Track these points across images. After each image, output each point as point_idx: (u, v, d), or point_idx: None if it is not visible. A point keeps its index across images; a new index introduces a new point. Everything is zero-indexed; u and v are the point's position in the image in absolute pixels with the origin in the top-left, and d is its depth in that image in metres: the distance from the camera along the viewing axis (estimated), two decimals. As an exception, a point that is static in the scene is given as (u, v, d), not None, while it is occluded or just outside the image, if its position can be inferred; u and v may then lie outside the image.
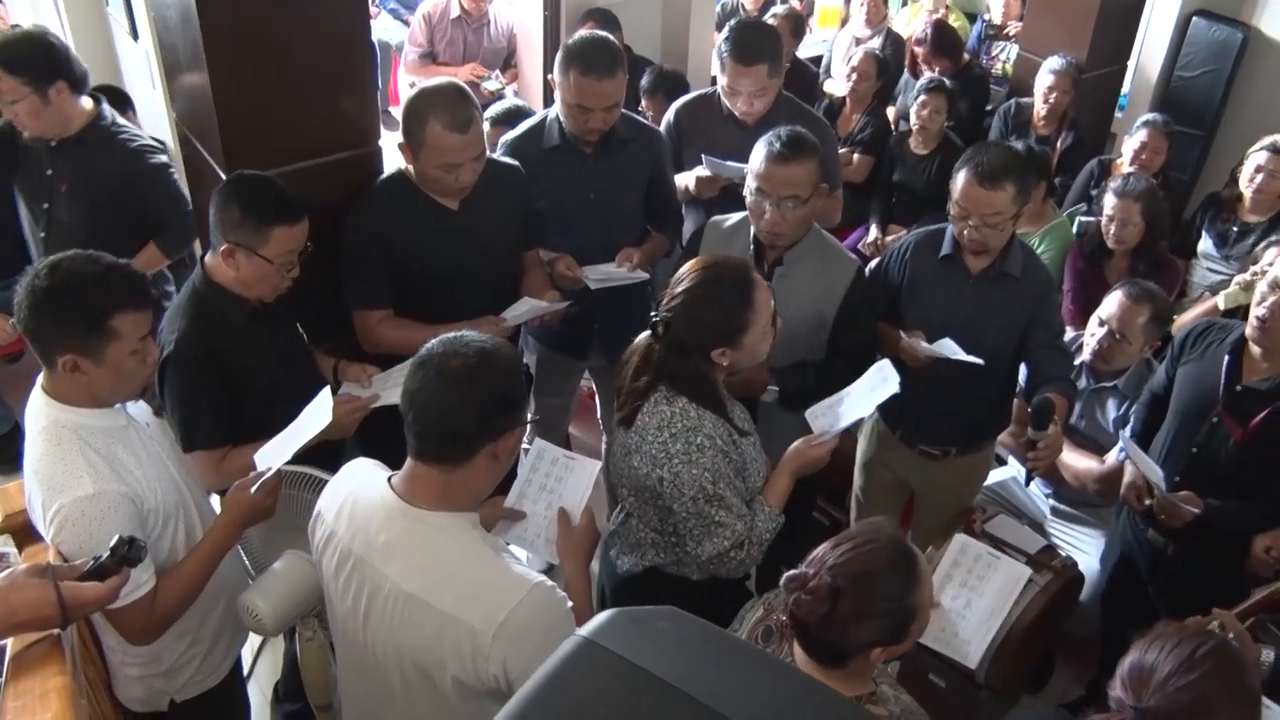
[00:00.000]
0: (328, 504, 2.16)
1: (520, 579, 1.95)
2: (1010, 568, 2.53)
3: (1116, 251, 4.37)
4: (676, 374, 2.44)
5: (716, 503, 2.43)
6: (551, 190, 3.41)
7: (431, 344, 2.00)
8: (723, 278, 2.41)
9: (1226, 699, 1.65)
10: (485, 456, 1.99)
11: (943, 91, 5.21)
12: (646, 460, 2.44)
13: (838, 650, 1.95)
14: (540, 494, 2.49)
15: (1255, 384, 2.98)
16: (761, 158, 2.95)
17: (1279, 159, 4.66)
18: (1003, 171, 2.95)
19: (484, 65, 5.79)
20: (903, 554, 1.97)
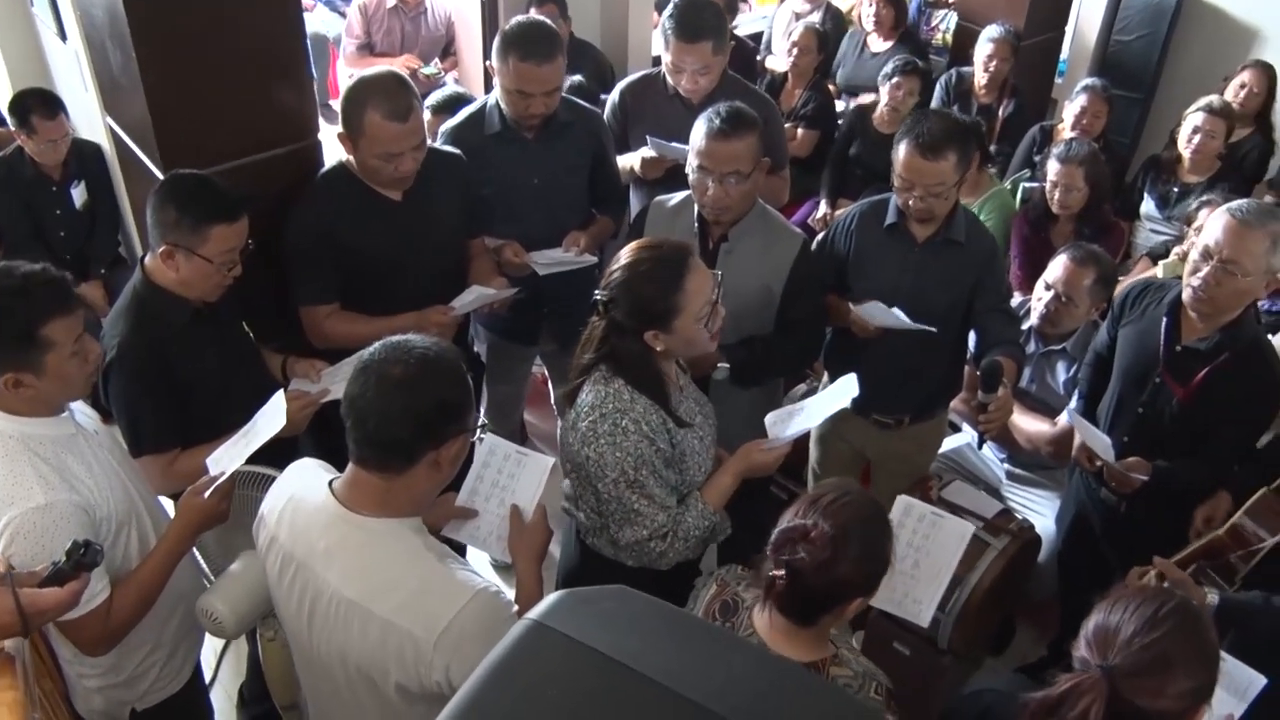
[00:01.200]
0: (270, 507, 2.14)
1: (462, 586, 1.93)
2: (954, 525, 2.55)
3: (1061, 216, 4.41)
4: (617, 355, 2.43)
5: (637, 489, 2.40)
6: (494, 177, 3.39)
7: (374, 348, 1.96)
8: (659, 257, 2.39)
9: (1189, 656, 1.68)
10: (427, 465, 1.96)
11: (917, 73, 5.20)
12: (578, 437, 2.43)
13: (823, 602, 1.99)
14: (492, 490, 2.46)
15: (1194, 344, 3.02)
16: (702, 134, 2.94)
17: (1215, 119, 4.74)
18: (944, 140, 2.96)
19: (422, 54, 5.75)
20: (877, 505, 2.09)
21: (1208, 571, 2.85)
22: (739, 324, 3.00)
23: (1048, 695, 1.70)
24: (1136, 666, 1.65)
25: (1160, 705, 1.65)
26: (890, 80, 5.18)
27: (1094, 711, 1.63)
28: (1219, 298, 2.90)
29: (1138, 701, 1.64)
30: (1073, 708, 1.65)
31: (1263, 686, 2.19)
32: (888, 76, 5.21)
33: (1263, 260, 2.84)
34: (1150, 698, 1.64)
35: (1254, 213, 2.87)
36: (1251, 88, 5.22)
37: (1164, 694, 1.65)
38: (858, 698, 2.01)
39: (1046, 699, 1.70)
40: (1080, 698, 1.65)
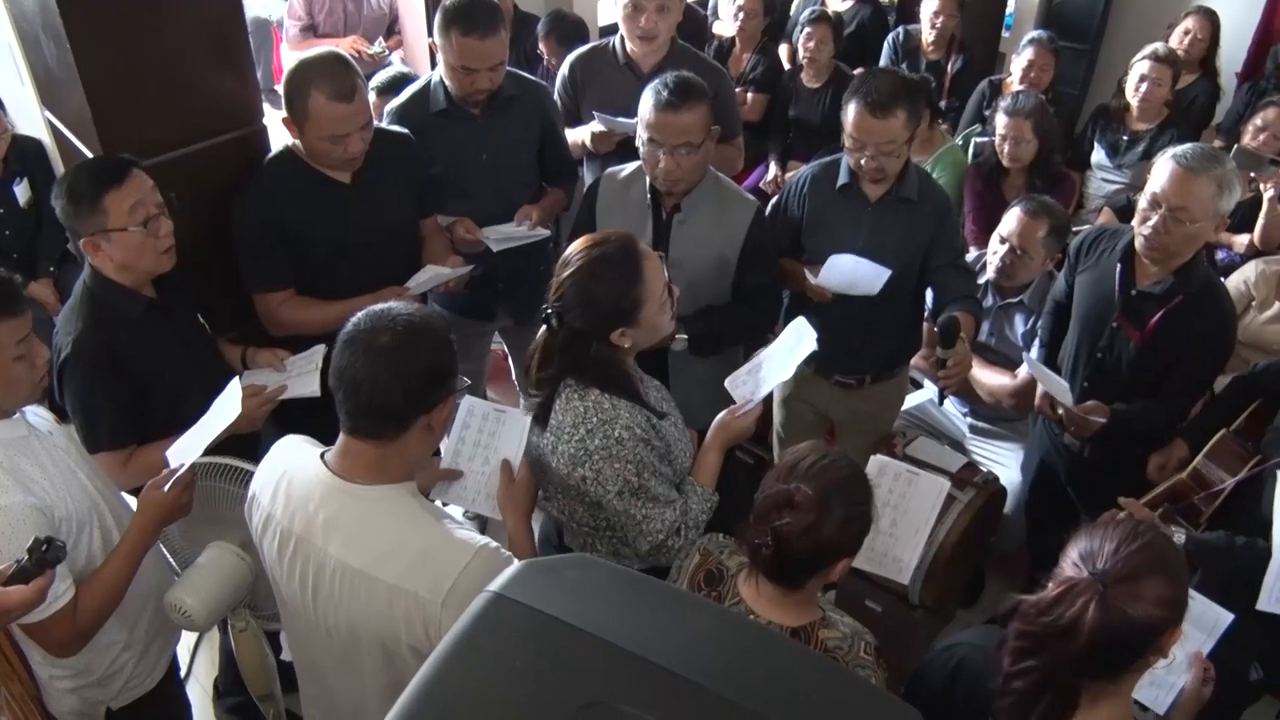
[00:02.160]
0: (262, 486, 2.13)
1: (464, 544, 1.96)
2: (929, 482, 2.56)
3: (1012, 169, 4.42)
4: (581, 365, 2.34)
5: (642, 496, 2.35)
6: (443, 154, 3.37)
7: (358, 319, 1.97)
8: (609, 255, 2.31)
9: (1166, 566, 1.72)
10: (419, 429, 1.99)
11: (826, 21, 5.21)
12: (565, 460, 2.35)
13: (809, 566, 2.01)
14: (475, 450, 2.49)
15: (1148, 288, 3.05)
16: (650, 107, 2.92)
17: (1161, 66, 4.76)
18: (891, 98, 2.95)
19: (366, 33, 5.68)
20: (856, 465, 2.10)
21: (1174, 514, 2.88)
22: (695, 293, 3.00)
23: (1042, 597, 1.72)
24: (1124, 572, 1.68)
25: (1143, 612, 1.67)
26: (803, 32, 5.19)
27: (1090, 611, 1.65)
28: (1170, 245, 2.92)
29: (1125, 607, 1.66)
30: (1070, 606, 1.67)
31: (1229, 623, 2.22)
32: (799, 28, 5.23)
33: (1210, 205, 2.87)
34: (1135, 603, 1.67)
35: (1198, 158, 2.89)
36: (1195, 34, 5.25)
37: (1147, 599, 1.67)
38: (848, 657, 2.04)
39: (1041, 600, 1.72)
40: (1077, 597, 1.67)
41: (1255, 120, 4.56)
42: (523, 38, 5.15)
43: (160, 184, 2.65)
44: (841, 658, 2.03)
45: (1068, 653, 1.67)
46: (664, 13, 3.55)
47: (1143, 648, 1.72)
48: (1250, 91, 5.32)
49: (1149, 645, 1.72)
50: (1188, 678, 2.18)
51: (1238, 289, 4.00)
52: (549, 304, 2.33)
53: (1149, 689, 2.19)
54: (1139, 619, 1.67)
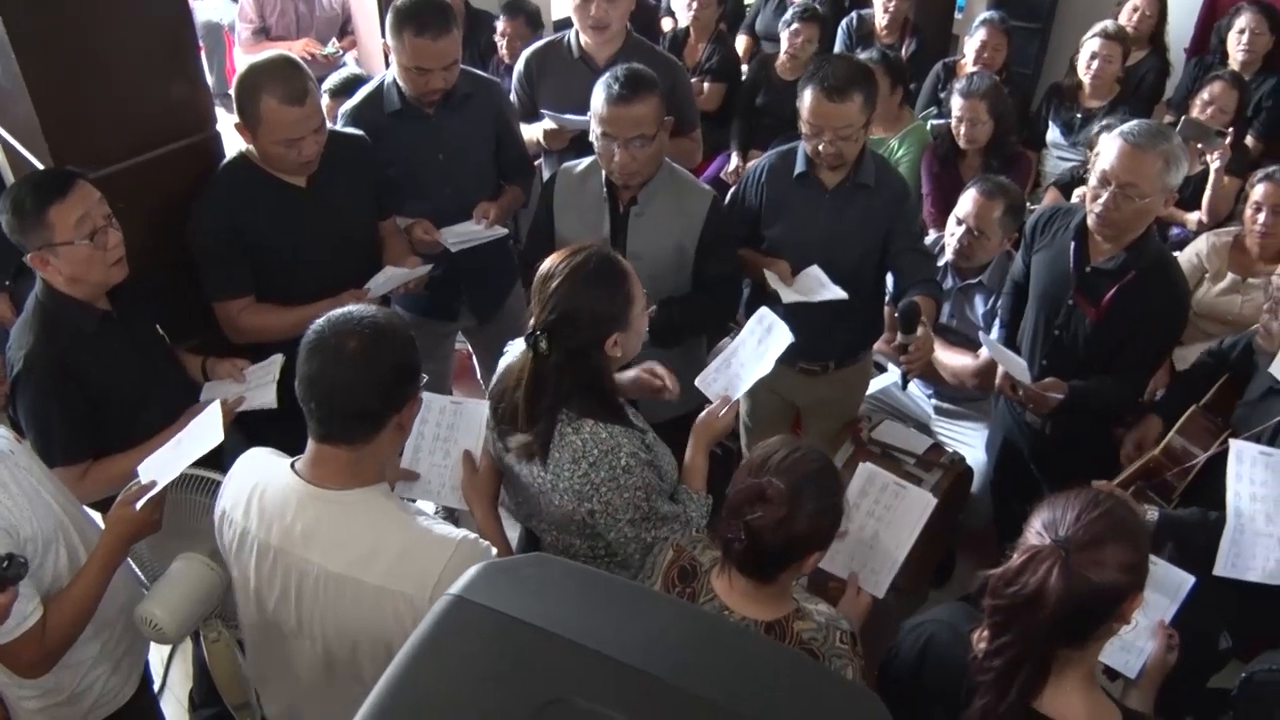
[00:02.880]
0: (232, 502, 2.12)
1: (443, 539, 1.97)
2: (917, 496, 2.56)
3: (969, 150, 4.45)
4: (575, 391, 2.28)
5: (652, 519, 2.33)
6: (399, 155, 3.35)
7: (320, 325, 1.97)
8: (592, 260, 2.27)
9: (1127, 532, 1.75)
10: (391, 429, 2.01)
11: (816, 20, 5.19)
12: (570, 496, 2.31)
13: (782, 560, 2.02)
14: (436, 444, 2.51)
15: (1101, 264, 3.08)
16: (602, 101, 2.92)
17: (1111, 43, 4.81)
18: (848, 83, 2.97)
19: (319, 35, 5.65)
20: (826, 457, 2.11)
21: (1147, 491, 2.92)
22: (656, 285, 2.99)
23: (1007, 568, 1.75)
24: (1085, 539, 1.71)
25: (1106, 577, 1.70)
26: (790, 28, 5.19)
27: (1053, 577, 1.68)
28: (1121, 220, 2.95)
29: (1087, 573, 1.69)
30: (1033, 574, 1.70)
31: (1192, 585, 2.25)
32: (787, 24, 5.22)
33: (1158, 180, 2.90)
34: (1097, 569, 1.70)
35: (1145, 135, 2.91)
36: (1143, 10, 5.30)
37: (1109, 564, 1.70)
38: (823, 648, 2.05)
39: (1006, 570, 1.74)
40: (1040, 564, 1.70)
41: (1203, 94, 4.63)
42: (476, 35, 5.12)
43: (112, 194, 2.63)
44: (817, 649, 2.04)
45: (1036, 621, 1.70)
46: (614, 2, 3.55)
47: (1106, 613, 1.75)
48: (1198, 66, 5.37)
49: (1112, 611, 1.75)
50: (1154, 644, 2.21)
51: (1190, 262, 4.04)
52: (534, 326, 2.24)
53: (1119, 654, 2.22)
54: (1102, 584, 1.70)
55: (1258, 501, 2.28)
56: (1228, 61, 5.11)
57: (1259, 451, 2.33)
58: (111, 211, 2.61)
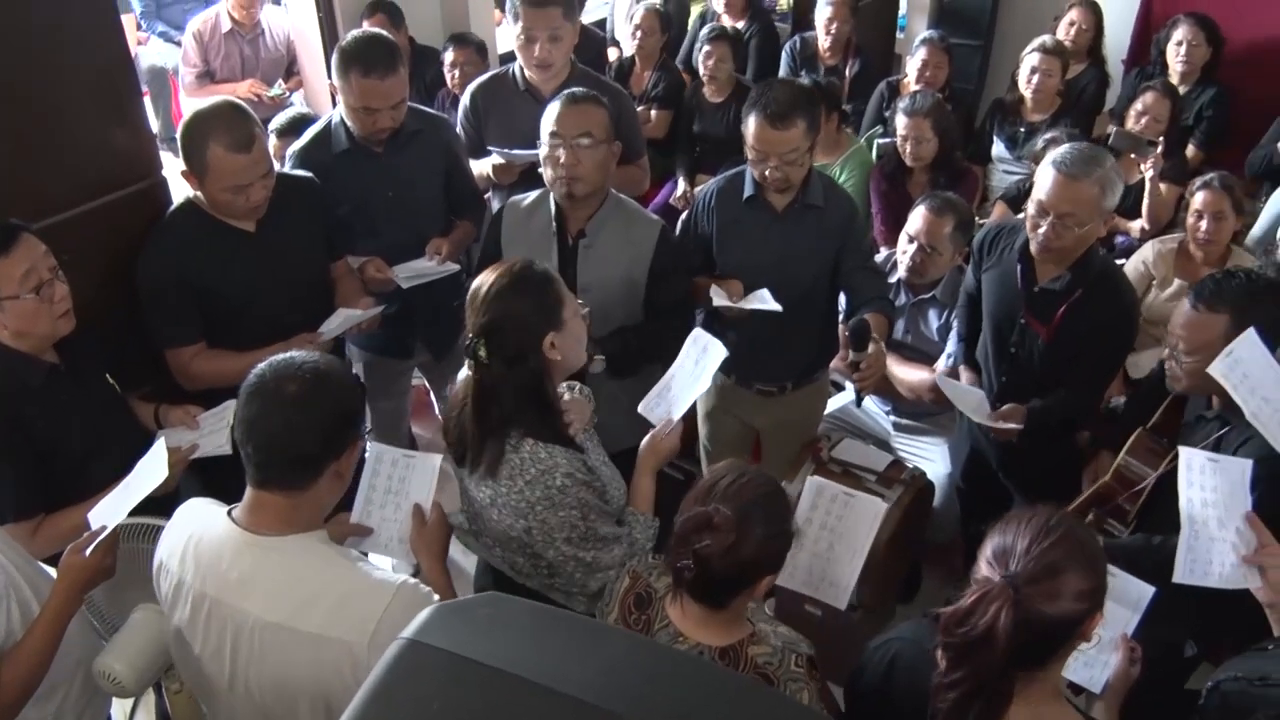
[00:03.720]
0: (168, 552, 2.08)
1: (383, 584, 1.94)
2: (866, 503, 2.56)
3: (916, 168, 4.50)
4: (518, 406, 2.29)
5: (591, 538, 2.33)
6: (349, 194, 3.34)
7: (261, 369, 1.96)
8: (516, 268, 2.30)
9: (1080, 559, 1.75)
10: (330, 475, 1.98)
11: (725, 39, 5.26)
12: (509, 512, 2.33)
13: (734, 584, 2.00)
14: (387, 498, 2.47)
15: (1047, 285, 3.11)
16: (552, 109, 2.98)
17: (1050, 58, 4.90)
18: (790, 108, 2.99)
19: (265, 76, 5.64)
20: (773, 481, 2.10)
21: (1103, 518, 2.94)
22: (608, 315, 3.02)
23: (958, 607, 1.74)
24: (1036, 573, 1.71)
25: (1060, 608, 1.71)
26: (702, 50, 5.26)
27: (1003, 617, 1.68)
28: (1062, 249, 3.00)
29: (1040, 607, 1.69)
30: (983, 615, 1.70)
31: (1152, 596, 2.27)
32: (698, 47, 5.30)
33: (1095, 206, 2.94)
34: (1050, 601, 1.70)
35: (1078, 163, 2.93)
36: (1080, 24, 5.39)
37: (1062, 596, 1.71)
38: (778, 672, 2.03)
39: (957, 610, 1.74)
40: (990, 604, 1.70)
41: (1136, 105, 4.70)
42: (421, 71, 5.13)
43: (57, 245, 2.60)
44: (772, 673, 2.02)
45: (989, 659, 1.70)
46: (556, 41, 3.56)
47: (1064, 639, 1.76)
48: (1138, 77, 5.45)
49: (1071, 634, 1.76)
50: (1116, 657, 2.22)
51: (1137, 270, 4.10)
52: (470, 335, 2.28)
53: (1083, 669, 2.22)
54: (1056, 616, 1.71)
55: (1209, 507, 2.30)
56: (1167, 72, 5.20)
57: (1206, 458, 2.36)
58: (58, 263, 2.57)
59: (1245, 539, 2.21)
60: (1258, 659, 2.01)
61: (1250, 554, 2.19)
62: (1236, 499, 2.28)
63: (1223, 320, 2.60)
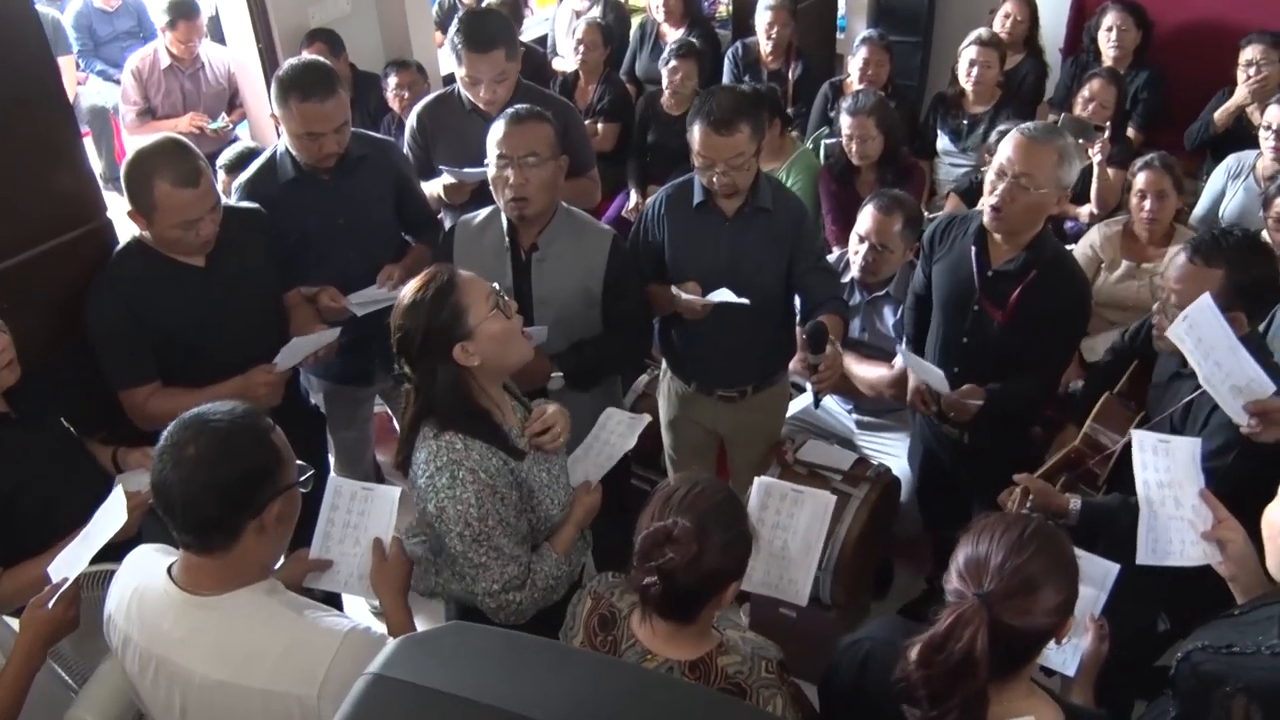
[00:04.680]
0: (115, 605, 2.06)
1: (330, 632, 1.91)
2: (815, 498, 2.57)
3: (863, 166, 4.53)
4: (435, 403, 2.34)
5: (484, 542, 2.33)
6: (298, 224, 3.32)
7: (171, 428, 1.91)
8: (419, 282, 2.33)
9: (1054, 572, 1.77)
10: (252, 533, 1.92)
11: (692, 55, 5.27)
12: (420, 494, 2.36)
13: (701, 595, 1.99)
14: (346, 531, 2.44)
15: (1003, 267, 3.14)
16: (497, 128, 2.98)
17: (987, 50, 4.96)
18: (734, 113, 3.01)
19: (207, 110, 5.59)
20: (727, 488, 2.09)
21: (1074, 482, 2.97)
22: (566, 329, 3.02)
23: (934, 634, 1.74)
24: (1010, 589, 1.73)
25: (1035, 623, 1.73)
26: (668, 65, 5.27)
27: (980, 637, 1.69)
28: (1015, 213, 3.02)
29: (1014, 623, 1.71)
30: (959, 640, 1.70)
31: (1117, 572, 2.29)
32: (665, 62, 5.31)
33: (1053, 173, 2.99)
34: (1025, 616, 1.72)
35: (1041, 131, 3.03)
36: (1015, 16, 5.46)
37: (1036, 611, 1.73)
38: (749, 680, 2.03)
39: (933, 637, 1.74)
40: (965, 628, 1.71)
41: (1083, 92, 4.79)
42: (365, 97, 5.12)
43: (-1, 295, 2.57)
44: (743, 682, 2.02)
45: (973, 682, 1.71)
46: (502, 83, 3.58)
47: (1038, 648, 1.80)
48: (1074, 65, 5.54)
49: (1045, 641, 1.79)
50: (1087, 638, 2.25)
51: (1085, 254, 4.16)
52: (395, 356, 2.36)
53: (1055, 654, 2.24)
54: (1031, 630, 1.74)
55: (1165, 487, 2.33)
56: (1101, 59, 5.28)
57: (1158, 440, 2.40)
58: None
59: (1202, 516, 2.25)
60: (1224, 627, 2.04)
61: (1208, 530, 2.22)
62: (1190, 476, 2.32)
63: (1218, 275, 2.65)
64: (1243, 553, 2.14)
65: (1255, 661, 1.87)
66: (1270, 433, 2.45)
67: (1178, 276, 2.74)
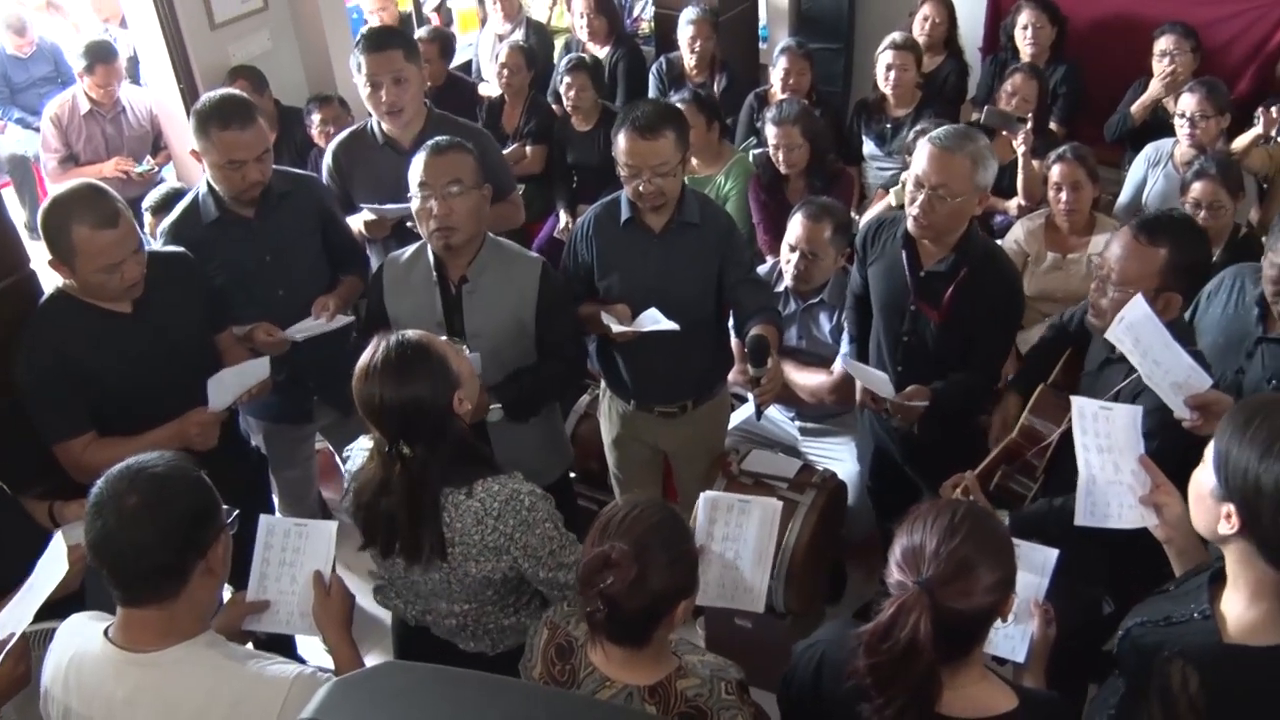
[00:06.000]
0: (51, 677, 2.03)
1: (276, 680, 1.91)
2: (762, 506, 2.59)
3: (791, 174, 4.56)
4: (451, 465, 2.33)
5: (568, 542, 2.41)
6: (226, 263, 3.30)
7: (99, 487, 1.90)
8: (388, 357, 2.28)
9: (988, 552, 1.80)
10: (200, 576, 1.93)
11: (583, 68, 5.29)
12: (489, 555, 2.36)
13: (649, 617, 1.99)
14: (282, 570, 2.41)
15: (934, 268, 3.18)
16: (417, 161, 2.98)
17: (902, 53, 5.02)
18: (659, 120, 3.04)
19: (131, 153, 5.51)
20: (666, 506, 2.11)
21: (1014, 475, 3.00)
22: (500, 360, 3.02)
23: (878, 623, 1.78)
24: (947, 573, 1.75)
25: (975, 603, 1.76)
26: (563, 82, 5.29)
27: (923, 623, 1.72)
28: (938, 221, 3.06)
29: (957, 605, 1.75)
30: (904, 627, 1.73)
31: (1056, 558, 2.33)
32: (559, 79, 5.35)
33: (968, 180, 3.02)
34: (966, 598, 1.75)
35: (953, 138, 3.05)
36: (934, 18, 5.52)
37: (976, 591, 1.76)
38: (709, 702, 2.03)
39: (878, 626, 1.78)
40: (908, 615, 1.74)
41: (1006, 87, 4.88)
42: (289, 133, 5.09)
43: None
44: (703, 704, 2.02)
45: (919, 668, 1.74)
46: (402, 84, 3.58)
47: (983, 628, 1.82)
48: (994, 63, 5.62)
49: (990, 622, 1.82)
50: (1032, 624, 2.27)
51: (1011, 249, 4.22)
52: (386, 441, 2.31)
53: (1004, 642, 2.27)
54: (973, 611, 1.76)
55: (1105, 453, 2.37)
56: (1019, 56, 5.36)
57: (1099, 406, 2.44)
58: None
59: (1140, 480, 2.29)
60: (1161, 601, 2.07)
61: (1146, 494, 2.26)
62: (1130, 443, 2.36)
63: (1161, 254, 2.68)
64: (1179, 516, 2.18)
65: (1189, 629, 1.91)
66: (1211, 425, 2.49)
67: (1120, 254, 2.75)
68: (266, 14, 5.20)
